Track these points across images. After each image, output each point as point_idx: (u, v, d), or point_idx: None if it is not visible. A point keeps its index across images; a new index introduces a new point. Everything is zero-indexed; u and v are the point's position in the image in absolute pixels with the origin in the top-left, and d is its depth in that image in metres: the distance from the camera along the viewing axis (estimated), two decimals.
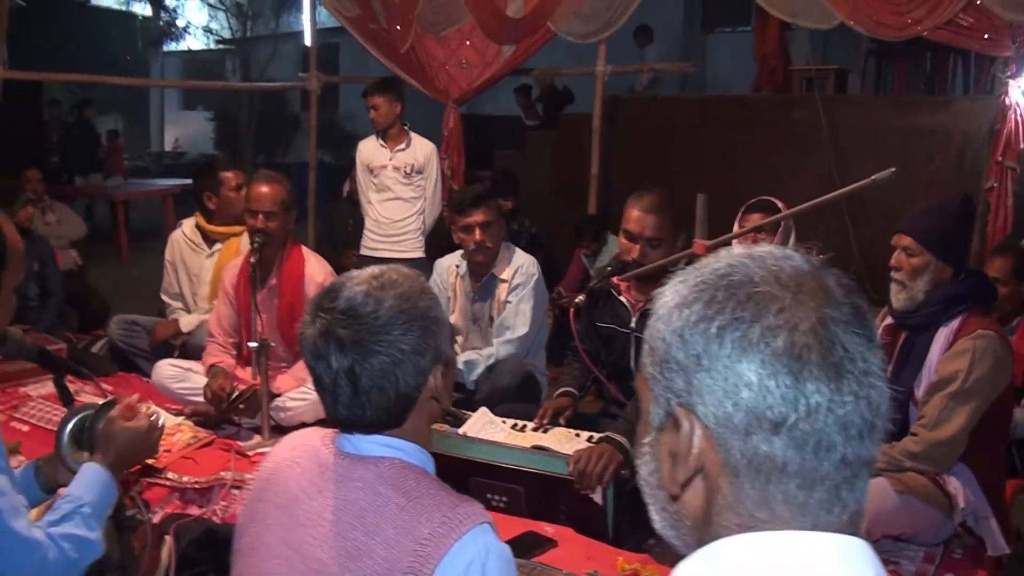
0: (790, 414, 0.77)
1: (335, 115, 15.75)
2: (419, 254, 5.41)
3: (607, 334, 3.22)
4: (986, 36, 4.81)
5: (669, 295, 0.86)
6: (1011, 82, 4.87)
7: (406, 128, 5.45)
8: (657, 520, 0.90)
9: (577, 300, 3.06)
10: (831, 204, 5.82)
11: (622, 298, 3.20)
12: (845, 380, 0.78)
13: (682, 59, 10.98)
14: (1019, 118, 4.80)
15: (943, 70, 8.40)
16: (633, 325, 3.14)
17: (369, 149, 5.49)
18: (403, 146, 5.39)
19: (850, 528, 0.80)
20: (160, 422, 1.95)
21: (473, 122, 8.83)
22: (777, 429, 0.78)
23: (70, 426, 1.87)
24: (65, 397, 1.98)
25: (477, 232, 3.63)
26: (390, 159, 5.40)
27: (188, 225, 4.57)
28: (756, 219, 3.85)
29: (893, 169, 2.19)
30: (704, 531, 0.83)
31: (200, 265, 4.47)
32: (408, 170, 5.39)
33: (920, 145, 5.77)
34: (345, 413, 1.39)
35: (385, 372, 1.35)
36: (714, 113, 7.19)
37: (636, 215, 3.02)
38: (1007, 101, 4.88)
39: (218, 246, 4.45)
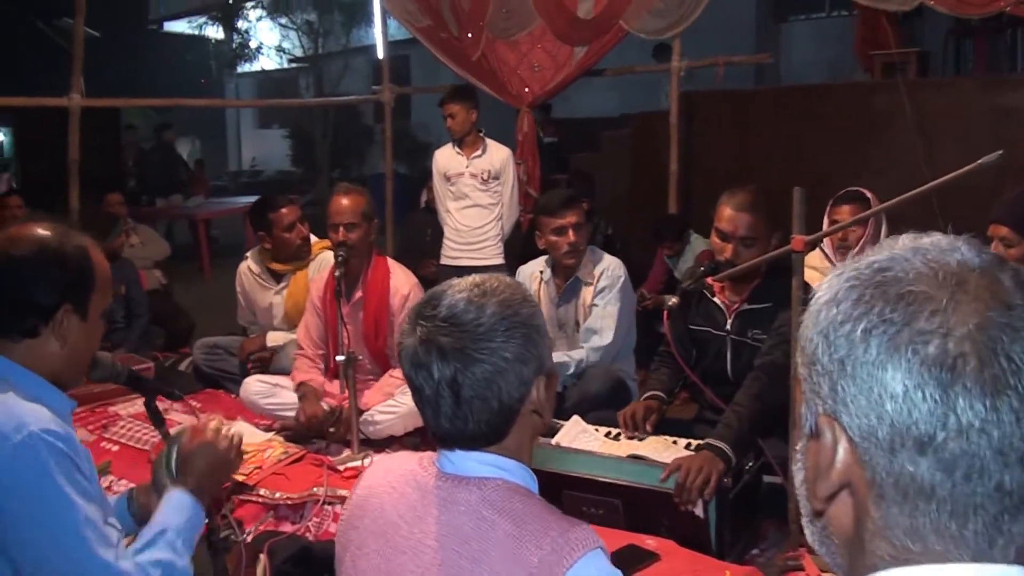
0: (937, 432, 0.69)
1: (408, 126, 15.90)
2: (499, 260, 5.41)
3: (701, 336, 3.16)
4: None
5: (823, 290, 0.79)
6: None
7: (481, 135, 5.45)
8: (807, 532, 0.83)
9: (671, 302, 2.97)
10: (918, 201, 5.71)
11: (716, 299, 3.13)
12: (1004, 397, 0.68)
13: (756, 51, 10.79)
14: None
15: None
16: (728, 327, 3.06)
17: (445, 157, 5.51)
18: (479, 153, 5.39)
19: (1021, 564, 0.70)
20: (231, 432, 1.92)
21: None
22: (923, 448, 0.70)
23: (164, 456, 1.86)
24: (156, 419, 1.98)
25: (571, 233, 3.61)
26: (467, 166, 5.41)
27: (253, 257, 4.54)
28: (847, 211, 3.79)
29: (1000, 152, 2.05)
30: (857, 557, 0.76)
31: (268, 300, 4.47)
32: (485, 176, 5.40)
33: (1010, 126, 5.51)
34: (447, 426, 1.35)
35: (488, 381, 1.31)
36: (792, 104, 6.99)
37: (729, 213, 2.94)
38: None
39: (285, 281, 4.43)
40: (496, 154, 5.40)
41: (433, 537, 1.31)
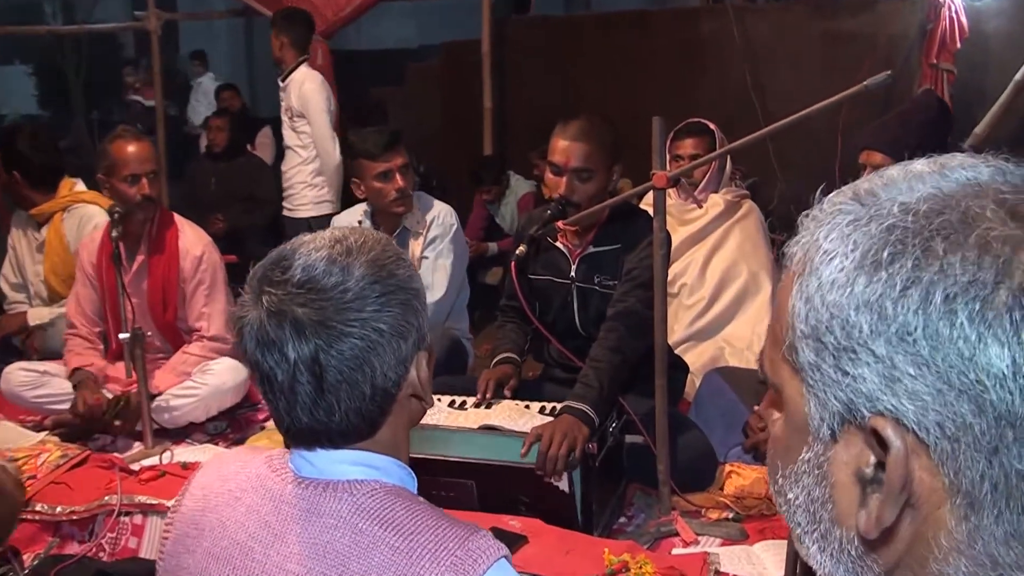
0: None
1: (177, 59, 15.02)
2: (312, 212, 5.03)
3: (543, 287, 3.09)
4: None
5: (832, 246, 0.66)
6: None
7: (297, 66, 5.03)
8: (819, 559, 0.71)
9: (518, 250, 2.86)
10: (745, 122, 5.95)
11: (558, 244, 3.04)
12: None
13: None
14: (953, 15, 4.79)
15: None
16: (573, 274, 3.00)
17: None
18: (283, 87, 5.04)
19: None
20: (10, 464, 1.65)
21: (344, 58, 8.50)
22: None
23: None
24: None
25: (398, 177, 3.44)
26: (282, 102, 5.08)
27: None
28: (689, 144, 3.84)
29: (888, 72, 2.05)
30: None
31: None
32: (290, 114, 5.04)
33: (844, 53, 5.78)
34: (307, 420, 1.18)
35: (358, 361, 1.16)
36: (616, 32, 7.05)
37: (562, 144, 2.88)
38: None
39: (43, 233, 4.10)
40: (297, 86, 4.97)
41: (297, 560, 1.13)
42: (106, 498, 2.65)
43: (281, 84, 5.05)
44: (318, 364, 1.15)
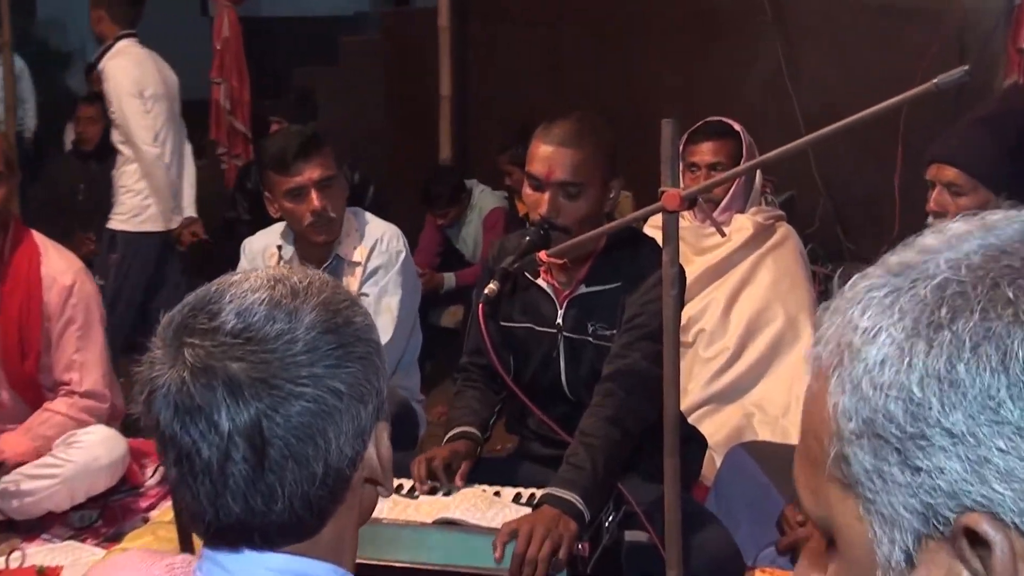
0: None
1: (32, 25, 15.02)
2: (128, 225, 5.24)
3: (519, 337, 3.10)
4: None
5: (872, 322, 0.72)
6: None
7: (109, 42, 5.25)
8: None
9: (488, 288, 2.86)
10: (779, 120, 6.01)
11: (540, 281, 3.05)
12: None
13: None
14: None
15: None
16: (560, 320, 3.02)
17: None
18: (101, 68, 5.30)
19: None
20: None
21: (258, 28, 8.56)
22: None
23: None
24: None
25: (314, 196, 3.46)
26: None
27: None
28: (708, 150, 3.88)
29: (965, 68, 2.07)
30: None
31: None
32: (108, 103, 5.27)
33: (905, 32, 5.86)
34: (238, 510, 1.18)
35: (311, 430, 1.18)
36: (613, 3, 7.10)
37: (544, 151, 2.90)
38: None
39: None
40: (107, 70, 5.20)
41: None
42: None
43: (99, 67, 5.25)
44: (259, 435, 1.15)
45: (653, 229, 3.41)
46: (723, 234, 3.85)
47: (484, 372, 3.12)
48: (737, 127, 3.98)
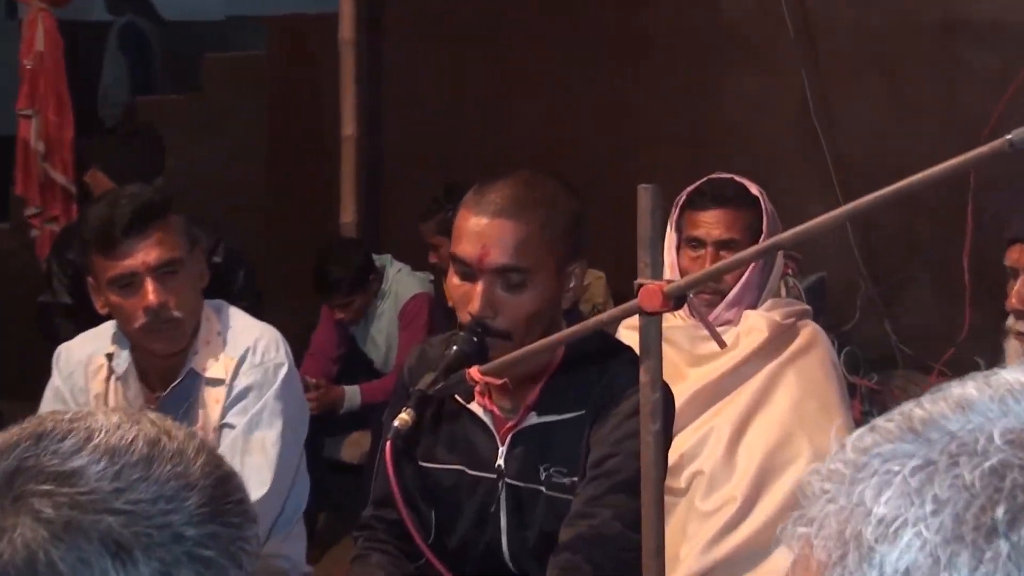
0: None
1: None
2: None
3: (444, 484, 3.13)
4: None
5: (893, 510, 0.72)
6: None
7: None
8: None
9: (400, 417, 2.84)
10: (804, 169, 6.04)
11: (475, 408, 3.06)
12: None
13: None
14: None
15: None
16: (502, 463, 3.03)
17: None
18: None
19: None
20: None
21: (87, 38, 8.59)
22: None
23: None
24: None
25: (149, 287, 3.46)
26: None
27: None
28: (715, 221, 3.90)
29: None
30: None
31: None
32: None
33: (970, 60, 5.93)
34: None
35: None
36: (582, 8, 7.14)
37: (474, 226, 2.90)
38: None
39: None
40: None
41: None
42: None
43: None
44: None
45: (630, 331, 3.43)
46: (722, 344, 3.87)
47: (394, 531, 3.11)
48: (755, 190, 4.02)
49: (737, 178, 4.07)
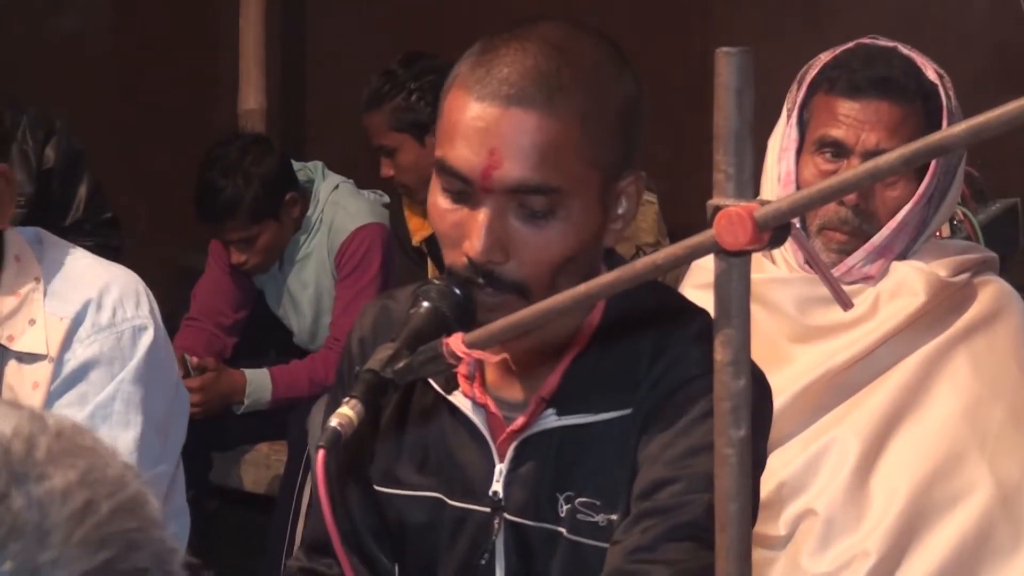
0: None
1: None
2: None
3: (414, 518, 3.16)
4: None
5: None
6: None
7: None
8: None
9: (340, 414, 2.83)
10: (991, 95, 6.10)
11: (458, 399, 3.07)
12: None
13: None
14: None
15: None
16: (500, 489, 3.02)
17: None
18: None
19: None
20: None
21: None
22: None
23: None
24: None
25: None
26: None
27: None
28: (871, 112, 3.80)
29: None
30: None
31: None
32: None
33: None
34: None
35: None
36: None
37: (476, 118, 2.86)
38: None
39: None
40: None
41: None
42: None
43: None
44: None
45: (699, 291, 3.42)
46: (847, 306, 3.71)
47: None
48: (931, 72, 3.95)
49: (903, 48, 3.98)
